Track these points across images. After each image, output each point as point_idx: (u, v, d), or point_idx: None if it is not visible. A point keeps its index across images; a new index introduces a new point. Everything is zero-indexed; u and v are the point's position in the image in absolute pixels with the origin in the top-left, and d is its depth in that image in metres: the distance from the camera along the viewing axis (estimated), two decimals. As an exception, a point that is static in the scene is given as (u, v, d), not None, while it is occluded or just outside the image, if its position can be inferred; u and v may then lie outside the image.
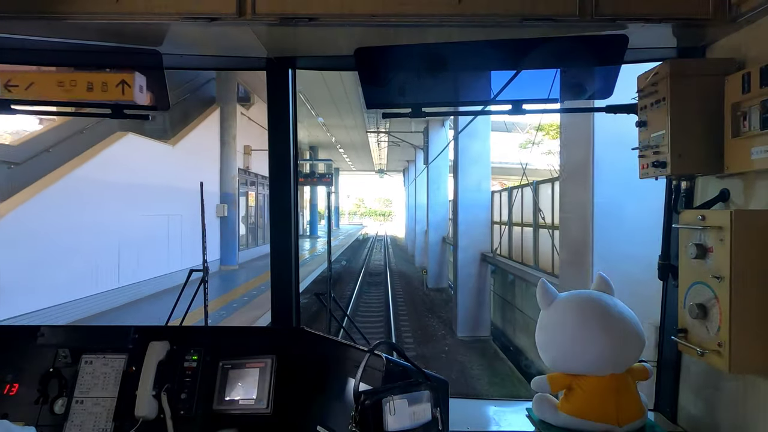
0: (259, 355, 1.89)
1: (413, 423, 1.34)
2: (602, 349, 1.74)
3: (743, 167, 1.58)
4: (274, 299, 2.23)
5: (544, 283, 1.89)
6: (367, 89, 1.96)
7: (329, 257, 2.46)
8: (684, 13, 1.60)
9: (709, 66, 1.70)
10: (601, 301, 1.81)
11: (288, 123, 2.18)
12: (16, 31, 1.77)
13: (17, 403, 1.88)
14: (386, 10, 1.59)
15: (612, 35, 1.71)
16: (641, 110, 1.85)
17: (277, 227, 2.20)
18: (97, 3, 1.59)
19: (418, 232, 32.42)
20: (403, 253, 40.12)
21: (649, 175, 1.80)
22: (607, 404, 1.73)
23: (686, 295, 1.63)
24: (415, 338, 14.26)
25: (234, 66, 2.21)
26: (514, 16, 1.59)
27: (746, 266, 1.43)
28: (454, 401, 1.57)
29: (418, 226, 32.40)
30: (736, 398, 1.66)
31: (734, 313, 1.44)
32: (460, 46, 1.85)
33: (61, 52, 1.95)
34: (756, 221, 1.45)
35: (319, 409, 1.76)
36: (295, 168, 2.23)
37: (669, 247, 1.90)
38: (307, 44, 1.99)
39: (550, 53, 1.82)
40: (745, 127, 1.55)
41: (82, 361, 1.93)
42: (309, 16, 1.60)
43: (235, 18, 1.60)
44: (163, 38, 1.84)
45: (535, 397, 1.90)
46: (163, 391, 1.83)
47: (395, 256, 37.88)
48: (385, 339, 1.57)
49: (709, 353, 1.52)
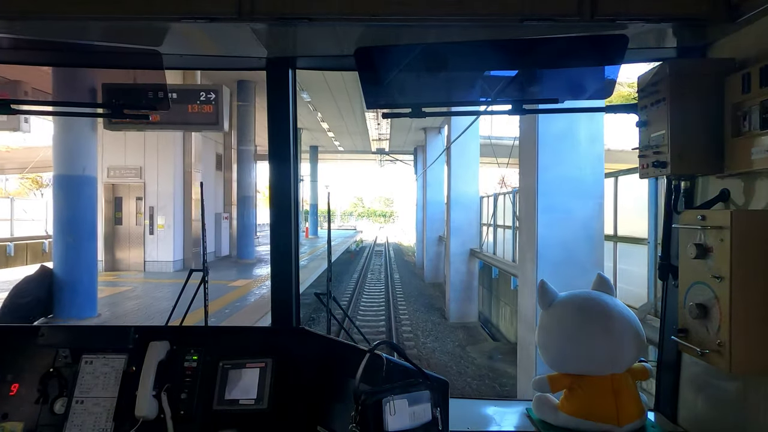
0: (259, 355, 1.89)
1: (413, 423, 1.34)
2: (602, 349, 1.74)
3: (743, 167, 1.58)
4: (274, 299, 2.23)
5: (544, 283, 1.89)
6: (367, 89, 1.96)
7: (329, 257, 2.46)
8: (684, 13, 1.59)
9: (709, 66, 1.70)
10: (601, 301, 1.81)
11: (288, 123, 2.18)
12: (16, 31, 1.77)
13: (17, 403, 1.88)
14: (386, 10, 1.58)
15: (612, 35, 1.71)
16: (641, 110, 1.85)
17: (277, 227, 2.20)
18: (97, 3, 1.59)
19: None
20: (414, 282, 24.45)
21: (649, 175, 1.80)
22: (607, 404, 1.73)
23: (686, 295, 1.63)
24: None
25: (234, 66, 2.21)
26: (513, 16, 1.59)
27: (746, 266, 1.43)
28: (454, 401, 1.57)
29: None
30: (737, 398, 1.66)
31: (734, 313, 1.44)
32: (460, 46, 1.85)
33: (61, 52, 1.95)
34: (756, 221, 1.45)
35: (319, 409, 1.76)
36: (296, 168, 2.23)
37: (669, 247, 1.89)
38: (306, 44, 1.98)
39: (549, 53, 1.81)
40: (745, 127, 1.55)
41: (82, 361, 1.93)
42: (309, 15, 1.60)
43: (235, 18, 1.60)
44: (163, 38, 1.84)
45: (535, 397, 1.90)
46: (163, 391, 1.83)
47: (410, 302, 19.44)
48: (386, 339, 1.58)
49: (710, 353, 1.52)
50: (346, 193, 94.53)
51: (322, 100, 21.89)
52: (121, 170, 17.13)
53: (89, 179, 10.19)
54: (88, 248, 10.19)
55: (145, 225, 17.32)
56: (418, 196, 33.19)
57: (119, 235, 17.53)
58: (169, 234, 17.30)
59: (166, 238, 17.30)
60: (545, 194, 7.47)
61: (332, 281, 2.36)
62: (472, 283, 17.91)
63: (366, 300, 19.44)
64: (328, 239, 2.47)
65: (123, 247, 17.51)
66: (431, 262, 25.06)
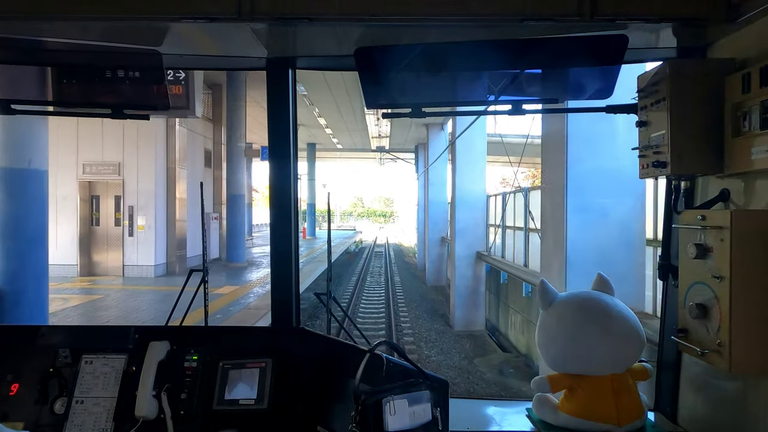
0: (259, 355, 1.89)
1: (413, 423, 1.34)
2: (602, 348, 1.74)
3: (743, 167, 1.58)
4: (274, 299, 2.23)
5: (544, 283, 1.89)
6: (367, 89, 1.96)
7: (329, 257, 2.47)
8: (684, 13, 1.59)
9: (709, 66, 1.70)
10: (601, 301, 1.81)
11: (288, 123, 2.18)
12: (17, 31, 1.77)
13: (17, 403, 1.88)
14: (386, 9, 1.58)
15: (612, 35, 1.71)
16: (641, 110, 1.85)
17: (277, 227, 2.20)
18: (97, 3, 1.59)
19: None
20: (416, 285, 23.62)
21: (649, 175, 1.80)
22: (607, 404, 1.73)
23: (686, 295, 1.63)
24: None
25: (234, 66, 2.21)
26: (513, 16, 1.59)
27: (746, 266, 1.43)
28: (454, 401, 1.57)
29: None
30: (737, 398, 1.66)
31: (734, 313, 1.44)
32: (460, 46, 1.85)
33: (61, 52, 1.95)
34: (756, 221, 1.45)
35: (319, 409, 1.76)
36: (295, 168, 2.23)
37: (669, 247, 1.89)
38: (306, 44, 1.99)
39: (549, 53, 1.81)
40: (745, 127, 1.55)
41: (82, 361, 1.92)
42: (308, 15, 1.59)
43: (235, 18, 1.60)
44: (163, 38, 1.84)
45: (535, 397, 1.90)
46: (163, 391, 1.83)
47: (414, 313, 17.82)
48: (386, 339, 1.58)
49: (710, 353, 1.52)
50: (346, 193, 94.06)
51: (319, 94, 20.88)
52: (97, 166, 15.83)
53: (37, 174, 8.64)
54: (36, 253, 8.75)
55: (124, 226, 15.99)
56: (419, 196, 32.07)
57: (96, 237, 16.20)
58: (150, 236, 15.98)
59: (146, 241, 15.99)
60: (577, 192, 6.36)
61: (330, 284, 2.35)
62: (479, 288, 16.59)
63: (365, 305, 18.34)
64: (328, 239, 2.47)
65: (100, 250, 16.19)
66: (433, 264, 24.05)
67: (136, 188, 15.89)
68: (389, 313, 16.79)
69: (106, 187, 16.18)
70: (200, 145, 19.67)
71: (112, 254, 16.12)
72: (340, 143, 36.22)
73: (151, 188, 16.00)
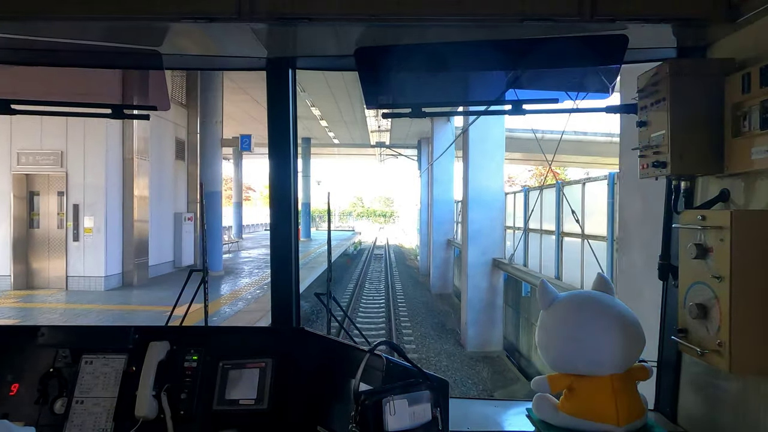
0: (259, 356, 1.89)
1: (413, 423, 1.34)
2: (602, 349, 1.74)
3: (743, 167, 1.58)
4: (274, 299, 2.23)
5: (544, 283, 1.89)
6: (367, 89, 1.96)
7: (329, 257, 2.47)
8: (684, 13, 1.59)
9: (709, 66, 1.70)
10: (600, 301, 1.81)
11: (288, 123, 2.18)
12: (17, 31, 1.77)
13: (17, 403, 1.88)
14: (386, 9, 1.58)
15: (612, 35, 1.71)
16: (641, 110, 1.85)
17: (277, 227, 2.21)
18: (97, 3, 1.59)
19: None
20: (419, 294, 21.85)
21: (649, 175, 1.80)
22: (607, 404, 1.73)
23: (686, 295, 1.63)
24: None
25: (234, 66, 2.22)
26: (513, 16, 1.59)
27: (746, 266, 1.43)
28: (454, 401, 1.57)
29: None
30: (737, 398, 1.66)
31: (734, 313, 1.44)
32: (460, 45, 1.85)
33: (61, 52, 1.95)
34: (756, 221, 1.45)
35: (319, 409, 1.76)
36: (295, 168, 2.23)
37: (669, 247, 1.90)
38: (306, 44, 1.99)
39: (549, 53, 1.82)
40: (745, 127, 1.55)
41: (82, 361, 1.93)
42: (308, 15, 1.60)
43: (235, 18, 1.60)
44: (163, 38, 1.84)
45: (535, 397, 1.90)
46: (163, 391, 1.83)
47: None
48: (386, 339, 1.58)
49: (710, 353, 1.52)
50: (345, 192, 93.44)
51: (312, 83, 18.72)
52: (35, 156, 12.92)
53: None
54: None
55: (67, 228, 13.11)
56: (422, 195, 29.75)
57: (35, 242, 13.36)
58: (99, 240, 13.11)
59: (95, 246, 13.09)
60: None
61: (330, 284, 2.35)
62: (495, 302, 14.49)
63: (362, 317, 16.27)
64: (328, 239, 2.48)
65: (40, 257, 13.31)
66: (438, 269, 22.49)
67: (82, 182, 13.02)
68: (390, 329, 14.92)
69: (47, 182, 13.33)
70: (170, 133, 16.75)
71: (54, 263, 13.29)
72: (337, 138, 34.05)
73: (101, 183, 13.15)
